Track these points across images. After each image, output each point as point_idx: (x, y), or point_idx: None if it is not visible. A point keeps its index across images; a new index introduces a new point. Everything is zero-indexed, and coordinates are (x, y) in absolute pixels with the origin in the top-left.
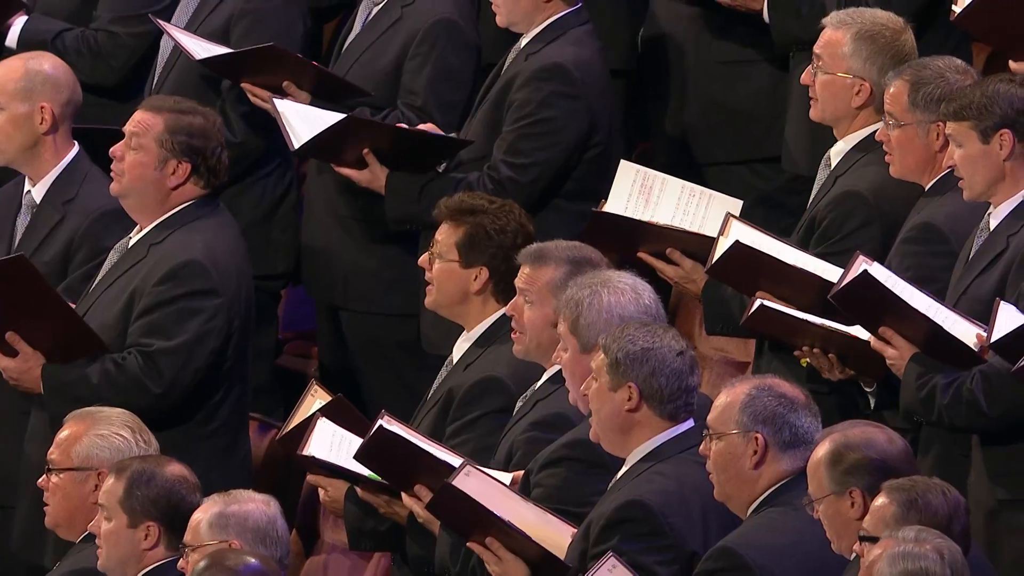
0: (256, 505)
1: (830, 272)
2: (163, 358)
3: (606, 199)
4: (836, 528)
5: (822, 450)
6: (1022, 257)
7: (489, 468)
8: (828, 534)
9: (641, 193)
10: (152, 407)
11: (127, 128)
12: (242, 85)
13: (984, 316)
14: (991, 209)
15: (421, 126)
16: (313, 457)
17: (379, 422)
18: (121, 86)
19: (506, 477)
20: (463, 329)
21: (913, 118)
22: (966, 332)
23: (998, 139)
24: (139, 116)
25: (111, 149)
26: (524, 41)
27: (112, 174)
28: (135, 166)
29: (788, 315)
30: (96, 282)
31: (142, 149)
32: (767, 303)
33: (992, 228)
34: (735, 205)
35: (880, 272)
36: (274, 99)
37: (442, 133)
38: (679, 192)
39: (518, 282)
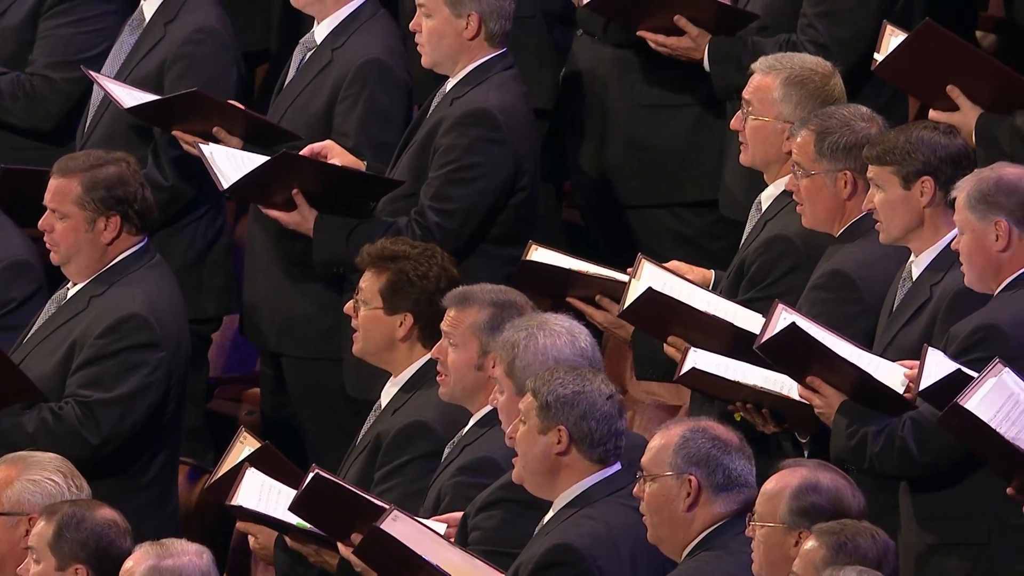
0: (190, 558)
1: (743, 318)
2: (101, 409)
3: (534, 244)
4: (771, 559)
5: (789, 480)
6: (946, 307)
7: (419, 514)
8: (756, 557)
9: None
10: (89, 458)
11: (46, 201)
12: (173, 133)
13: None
14: (912, 258)
15: (349, 163)
16: (241, 507)
17: (315, 471)
18: (57, 130)
19: (440, 526)
20: (387, 373)
21: (820, 167)
22: (892, 375)
23: (919, 186)
24: (53, 185)
25: (39, 223)
26: (449, 84)
27: (48, 246)
28: (66, 235)
29: (720, 377)
30: (32, 332)
31: (67, 217)
32: (699, 367)
33: (915, 278)
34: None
35: (805, 323)
36: (199, 144)
37: (371, 173)
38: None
39: (443, 325)
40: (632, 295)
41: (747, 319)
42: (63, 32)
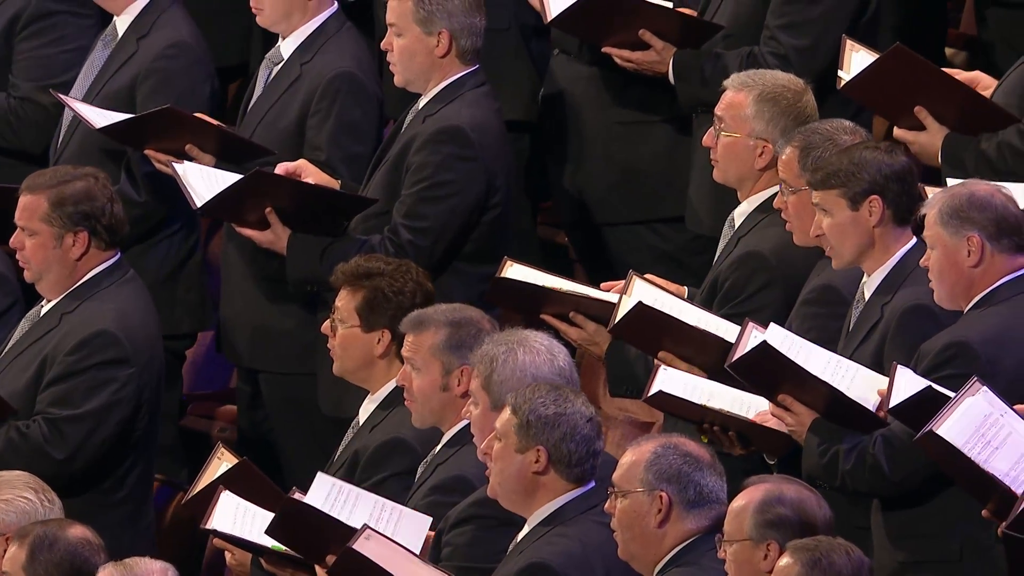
0: None
1: (733, 333)
2: (68, 426)
3: (509, 260)
4: (742, 575)
5: (753, 495)
6: (895, 326)
7: None
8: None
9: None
10: (56, 474)
11: (16, 219)
12: (145, 152)
13: None
14: (865, 279)
15: (323, 181)
16: (216, 531)
17: (292, 494)
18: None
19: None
20: (361, 391)
21: (806, 183)
22: (866, 388)
23: (868, 205)
24: (22, 203)
25: (10, 241)
26: (422, 102)
27: (20, 264)
28: (35, 251)
29: (685, 400)
30: (7, 349)
31: (36, 234)
32: (665, 389)
33: (867, 298)
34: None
35: (776, 340)
36: (173, 163)
37: (344, 191)
38: None
39: (403, 351)
40: (623, 311)
41: (737, 334)
42: (44, 52)
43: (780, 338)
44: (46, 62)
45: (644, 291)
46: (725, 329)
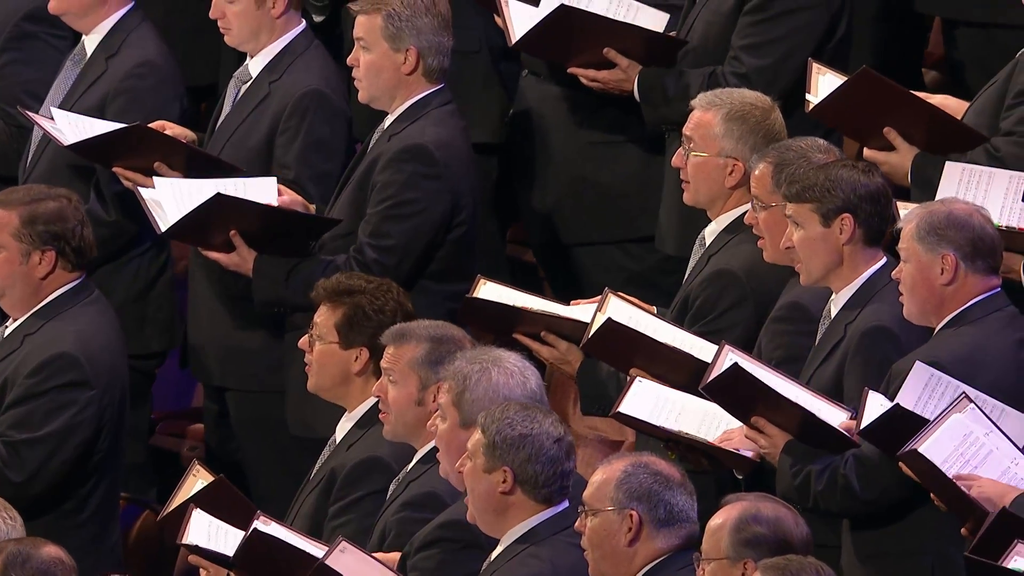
0: None
1: (705, 350)
2: (27, 449)
3: (483, 279)
4: None
5: (730, 513)
6: (854, 347)
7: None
8: None
9: None
10: (13, 497)
11: None
12: (114, 170)
13: None
14: (832, 296)
15: (288, 202)
16: (196, 545)
17: (254, 524)
18: None
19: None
20: (332, 410)
21: (778, 199)
22: (832, 416)
23: (839, 223)
24: None
25: None
26: (388, 121)
27: None
28: (1, 267)
29: (646, 423)
30: None
31: (3, 248)
32: (625, 411)
33: (832, 316)
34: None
35: (749, 363)
36: (138, 188)
37: (309, 212)
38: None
39: (383, 363)
40: (594, 328)
41: (710, 352)
42: (20, 72)
43: (753, 367)
44: (23, 80)
45: (618, 309)
46: (699, 347)
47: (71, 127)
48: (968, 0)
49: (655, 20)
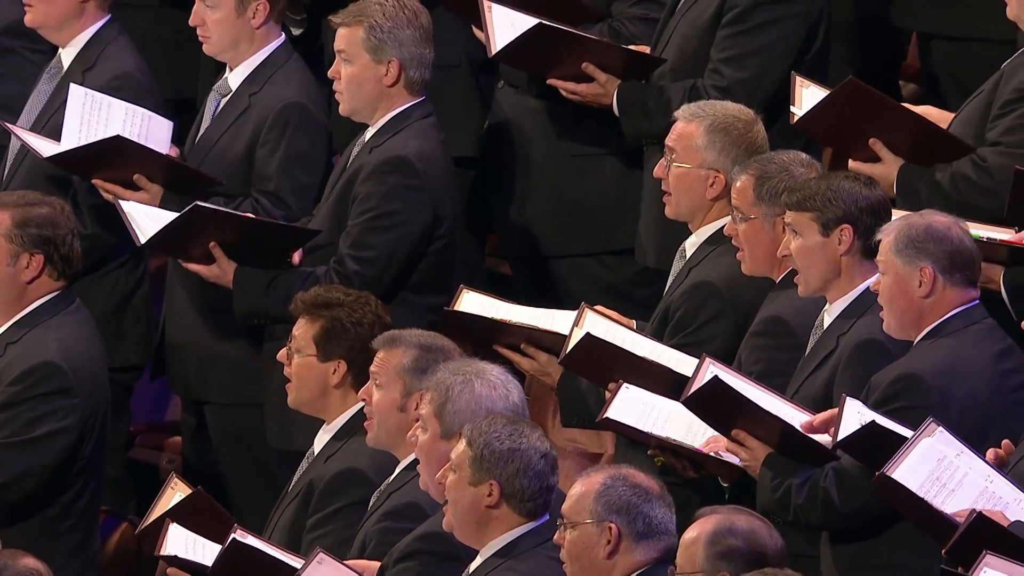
0: None
1: (684, 364)
2: (7, 454)
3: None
4: None
5: (704, 526)
6: (846, 359)
7: (348, 560)
8: None
9: None
10: None
11: None
12: (93, 182)
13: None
14: (826, 306)
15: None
16: (175, 556)
17: (232, 536)
18: None
19: (372, 565)
20: (311, 423)
21: (759, 212)
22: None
23: (838, 233)
24: None
25: None
26: (368, 133)
27: None
28: None
29: (633, 428)
30: None
31: None
32: (611, 416)
33: (825, 326)
34: None
35: (730, 375)
36: (119, 200)
37: (289, 224)
38: None
39: (371, 367)
40: (573, 342)
41: (689, 365)
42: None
43: (734, 380)
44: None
45: (595, 323)
46: (677, 361)
47: (48, 144)
48: (944, 15)
49: None
